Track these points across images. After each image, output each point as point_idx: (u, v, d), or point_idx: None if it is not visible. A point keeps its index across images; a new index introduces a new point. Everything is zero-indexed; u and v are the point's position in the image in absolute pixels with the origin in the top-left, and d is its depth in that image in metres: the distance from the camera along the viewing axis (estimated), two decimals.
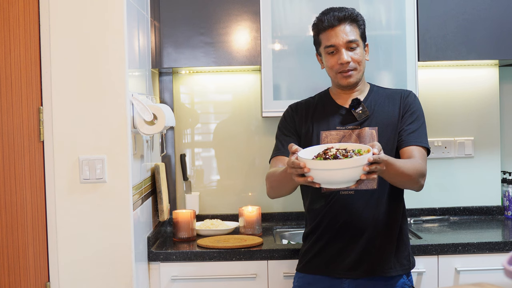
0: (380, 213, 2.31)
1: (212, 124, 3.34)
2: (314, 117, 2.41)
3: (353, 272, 2.31)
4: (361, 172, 1.92)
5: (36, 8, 2.46)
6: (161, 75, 3.27)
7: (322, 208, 2.36)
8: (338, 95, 2.41)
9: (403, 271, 2.35)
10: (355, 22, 2.32)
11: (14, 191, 2.48)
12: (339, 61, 2.30)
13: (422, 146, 2.30)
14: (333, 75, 2.36)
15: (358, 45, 2.31)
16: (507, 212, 3.28)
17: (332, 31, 2.30)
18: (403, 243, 2.37)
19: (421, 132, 2.33)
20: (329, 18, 2.30)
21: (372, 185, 2.30)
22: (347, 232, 2.32)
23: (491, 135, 3.33)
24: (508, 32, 3.00)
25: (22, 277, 2.48)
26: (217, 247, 2.74)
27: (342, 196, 2.32)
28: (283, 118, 2.48)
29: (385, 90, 2.43)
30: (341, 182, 1.96)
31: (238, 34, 2.99)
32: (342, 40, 2.29)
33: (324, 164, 1.92)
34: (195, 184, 3.32)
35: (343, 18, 2.30)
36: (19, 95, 2.47)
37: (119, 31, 2.45)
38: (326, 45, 2.32)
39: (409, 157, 2.26)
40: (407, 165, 2.17)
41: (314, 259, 2.38)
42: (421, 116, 2.37)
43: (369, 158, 1.91)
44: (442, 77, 3.32)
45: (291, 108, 2.48)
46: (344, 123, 2.36)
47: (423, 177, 2.24)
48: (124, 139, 2.46)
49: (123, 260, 2.47)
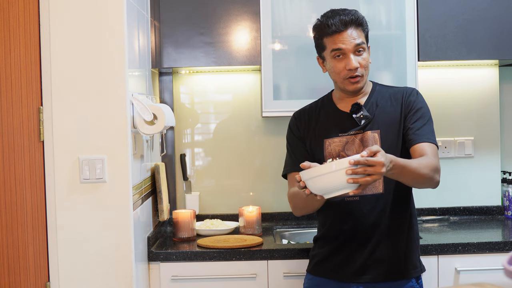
0: (387, 218, 2.28)
1: (212, 124, 3.34)
2: (316, 125, 2.38)
3: (361, 277, 2.29)
4: (346, 176, 1.87)
5: (36, 8, 2.46)
6: (161, 75, 3.27)
7: (329, 213, 2.36)
8: (341, 99, 2.38)
9: (412, 275, 2.32)
10: (361, 25, 2.28)
11: (14, 191, 2.48)
12: (348, 67, 2.25)
13: (431, 142, 2.25)
14: (339, 80, 2.30)
15: (364, 49, 2.27)
16: (507, 212, 3.28)
17: (339, 36, 2.25)
18: (414, 246, 2.34)
19: (428, 128, 2.28)
20: (336, 22, 2.24)
21: (377, 189, 2.28)
22: (354, 238, 2.31)
23: (491, 135, 3.33)
24: (508, 32, 3.00)
25: (22, 277, 2.48)
26: (217, 247, 2.74)
27: (348, 202, 2.30)
28: (289, 129, 2.46)
29: (388, 89, 2.39)
30: (332, 189, 1.92)
31: (238, 34, 2.99)
32: (350, 44, 2.24)
33: (307, 173, 1.93)
34: (195, 184, 3.32)
35: (350, 22, 2.25)
36: (19, 95, 2.47)
37: (119, 31, 2.45)
38: (333, 49, 2.26)
39: (421, 154, 2.21)
40: (421, 164, 2.13)
41: (323, 263, 2.37)
42: (426, 112, 2.32)
43: (349, 160, 1.87)
44: (442, 77, 3.32)
45: (294, 118, 2.46)
46: (346, 129, 2.32)
47: (437, 173, 2.19)
48: (124, 139, 2.46)
49: (123, 260, 2.47)
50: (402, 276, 2.30)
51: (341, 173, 1.88)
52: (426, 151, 2.22)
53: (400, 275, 2.30)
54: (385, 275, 2.29)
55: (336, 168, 1.88)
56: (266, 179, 3.30)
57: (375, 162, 1.89)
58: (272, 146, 3.31)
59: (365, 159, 1.88)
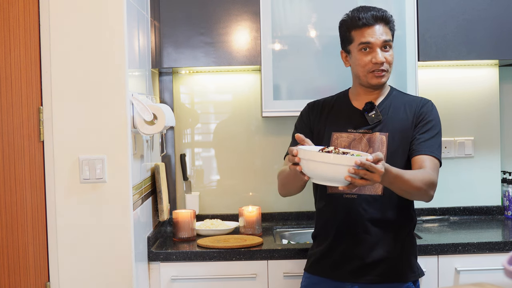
0: (385, 220, 2.28)
1: (212, 124, 3.34)
2: (328, 117, 2.39)
3: (356, 277, 2.29)
4: (346, 173, 1.89)
5: (36, 8, 2.46)
6: (161, 75, 3.27)
7: (325, 209, 2.36)
8: (357, 95, 2.38)
9: (410, 279, 2.31)
10: (389, 24, 2.31)
11: (14, 191, 2.48)
12: (374, 60, 2.27)
13: (434, 156, 2.24)
14: (363, 73, 2.31)
15: (391, 46, 2.30)
16: (507, 212, 3.28)
17: (369, 29, 2.27)
18: (411, 251, 2.34)
19: (434, 142, 2.27)
20: (367, 16, 2.27)
21: (376, 191, 2.27)
22: (349, 236, 2.30)
23: (491, 135, 3.33)
24: (508, 32, 3.00)
25: (22, 277, 2.48)
26: (217, 247, 2.74)
27: (345, 199, 2.30)
28: (300, 116, 2.48)
29: (404, 96, 2.39)
30: (326, 178, 1.94)
31: (238, 34, 2.99)
32: (379, 39, 2.26)
33: (310, 154, 1.93)
34: (195, 184, 3.32)
35: (380, 18, 2.28)
36: (19, 95, 2.47)
37: (119, 31, 2.45)
38: (361, 42, 2.27)
39: (420, 166, 2.21)
40: (415, 177, 2.12)
41: (320, 261, 2.37)
42: (436, 126, 2.31)
43: (356, 160, 1.88)
44: (442, 77, 3.32)
45: (308, 106, 2.47)
46: (357, 126, 2.33)
47: (432, 188, 2.18)
48: (124, 139, 2.46)
49: (123, 260, 2.47)
50: (398, 279, 2.30)
51: (341, 168, 1.90)
52: (425, 164, 2.21)
53: (396, 278, 2.29)
54: (381, 277, 2.28)
55: (337, 162, 1.90)
56: (266, 179, 3.30)
57: (377, 169, 1.90)
58: (272, 146, 3.31)
59: (370, 164, 1.89)
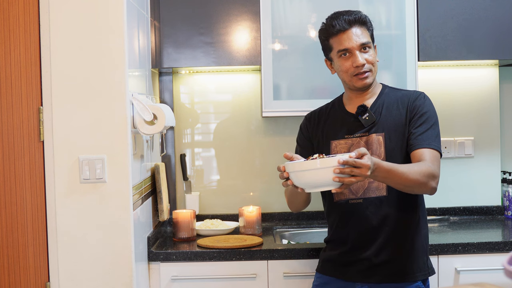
0: (392, 220, 2.28)
1: (212, 124, 3.34)
2: (325, 126, 2.41)
3: (366, 277, 2.31)
4: (332, 174, 1.91)
5: (36, 8, 2.46)
6: (161, 75, 3.27)
7: (335, 216, 2.38)
8: (350, 100, 2.39)
9: (418, 278, 2.31)
10: (365, 24, 2.31)
11: (14, 191, 2.48)
12: (354, 64, 2.27)
13: (432, 148, 2.22)
14: (348, 78, 2.32)
15: (370, 47, 2.30)
16: (507, 212, 3.28)
17: (344, 35, 2.28)
18: (421, 249, 2.33)
19: (431, 134, 2.25)
20: (340, 22, 2.28)
21: (381, 192, 2.28)
22: (359, 240, 2.32)
23: (491, 135, 3.33)
24: (508, 32, 3.00)
25: (22, 277, 2.48)
26: (217, 247, 2.74)
27: (351, 205, 2.31)
28: (299, 130, 2.51)
29: (396, 93, 2.38)
30: (316, 184, 1.97)
31: (238, 34, 2.99)
32: (355, 43, 2.27)
33: (296, 166, 1.98)
34: (195, 184, 3.32)
35: (354, 21, 2.29)
36: (19, 95, 2.47)
37: (119, 31, 2.45)
38: (339, 49, 2.29)
39: (419, 160, 2.20)
40: (411, 169, 2.11)
41: (330, 263, 2.41)
42: (432, 117, 2.29)
43: (338, 159, 1.90)
44: (442, 77, 3.32)
45: (305, 119, 2.51)
46: (352, 131, 2.34)
47: (433, 180, 2.16)
48: (124, 139, 2.46)
49: (123, 260, 2.47)
50: (407, 279, 2.30)
51: (326, 170, 1.92)
52: (424, 157, 2.20)
53: (405, 277, 2.30)
54: (390, 276, 2.29)
55: (321, 166, 1.93)
56: (266, 179, 3.30)
57: (362, 164, 1.91)
58: (272, 146, 3.31)
59: (353, 160, 1.91)
